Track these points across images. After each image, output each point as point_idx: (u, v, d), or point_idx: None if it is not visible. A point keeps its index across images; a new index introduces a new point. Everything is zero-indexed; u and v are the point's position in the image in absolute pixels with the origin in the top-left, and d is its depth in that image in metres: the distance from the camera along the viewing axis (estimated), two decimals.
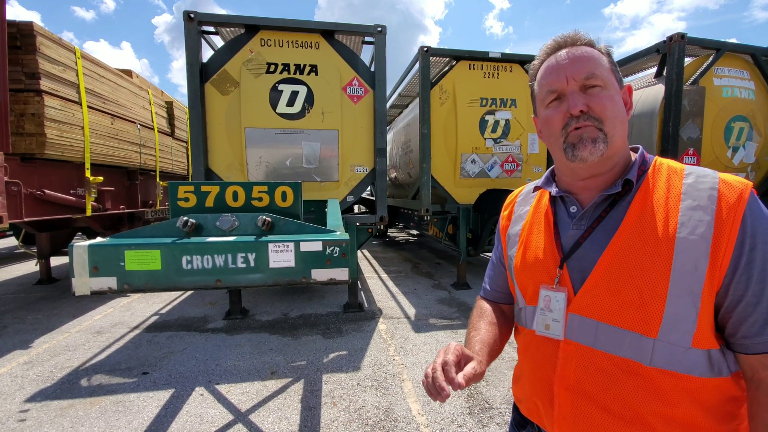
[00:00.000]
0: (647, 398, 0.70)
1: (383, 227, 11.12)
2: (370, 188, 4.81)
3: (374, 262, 7.79)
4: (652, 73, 4.93)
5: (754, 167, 4.90)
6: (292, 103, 4.17)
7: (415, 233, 12.04)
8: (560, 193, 0.85)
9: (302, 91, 4.18)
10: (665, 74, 4.46)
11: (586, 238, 0.78)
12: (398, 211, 8.53)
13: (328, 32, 4.24)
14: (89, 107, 4.50)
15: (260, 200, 2.17)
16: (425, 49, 4.94)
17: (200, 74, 4.01)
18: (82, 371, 3.16)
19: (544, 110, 0.81)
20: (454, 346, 0.78)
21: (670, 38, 4.38)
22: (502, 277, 1.02)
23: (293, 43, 4.18)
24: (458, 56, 5.15)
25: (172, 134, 6.90)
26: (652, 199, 0.73)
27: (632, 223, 0.73)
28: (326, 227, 2.05)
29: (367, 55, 4.87)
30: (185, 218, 1.83)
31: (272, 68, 4.12)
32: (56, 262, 6.97)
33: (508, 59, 5.21)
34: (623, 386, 0.72)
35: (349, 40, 4.48)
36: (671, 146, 4.35)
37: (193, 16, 3.93)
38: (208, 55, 4.25)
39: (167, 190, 2.87)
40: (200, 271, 1.68)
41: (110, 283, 1.62)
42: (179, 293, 5.36)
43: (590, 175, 0.79)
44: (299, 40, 4.19)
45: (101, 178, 4.72)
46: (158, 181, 6.27)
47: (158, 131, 6.23)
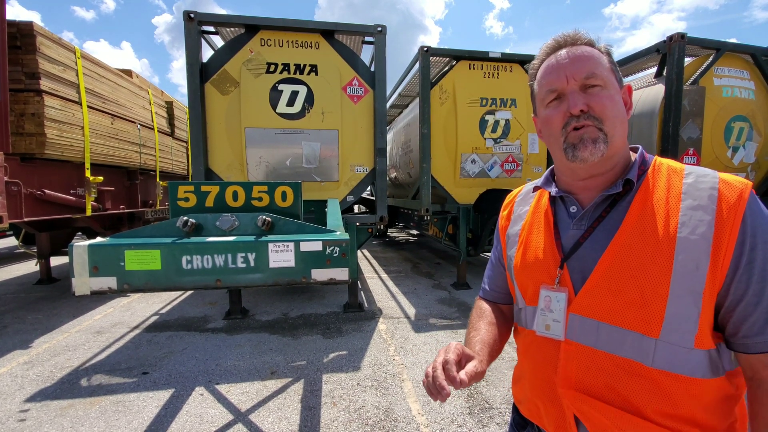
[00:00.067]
0: (649, 398, 0.70)
1: (383, 227, 11.12)
2: (370, 188, 4.81)
3: (374, 262, 7.79)
4: (652, 73, 4.93)
5: (754, 167, 4.90)
6: (292, 103, 4.17)
7: (415, 233, 12.04)
8: (560, 193, 0.85)
9: (302, 91, 4.18)
10: (665, 74, 4.46)
11: (586, 238, 0.78)
12: (398, 211, 8.52)
13: (328, 32, 4.24)
14: (89, 107, 4.50)
15: (260, 200, 2.17)
16: (425, 49, 4.94)
17: (200, 74, 4.01)
18: (82, 371, 3.16)
19: (544, 110, 0.81)
20: (454, 345, 0.78)
21: (670, 38, 4.38)
22: (501, 277, 1.02)
23: (293, 43, 4.18)
24: (458, 56, 5.15)
25: (172, 134, 6.90)
26: (652, 198, 0.73)
27: (633, 222, 0.73)
28: (326, 227, 2.05)
29: (367, 55, 4.88)
30: (185, 218, 1.83)
31: (272, 68, 4.12)
32: (56, 262, 6.97)
33: (508, 59, 5.21)
34: (625, 386, 0.72)
35: (349, 40, 4.48)
36: (671, 146, 4.35)
37: (193, 16, 3.93)
38: (208, 55, 4.26)
39: (167, 190, 2.87)
40: (200, 271, 1.68)
41: (110, 282, 1.62)
42: (179, 293, 5.36)
43: (590, 175, 0.79)
44: (299, 40, 4.19)
45: (101, 178, 4.72)
46: (158, 181, 6.27)
47: (158, 131, 6.23)
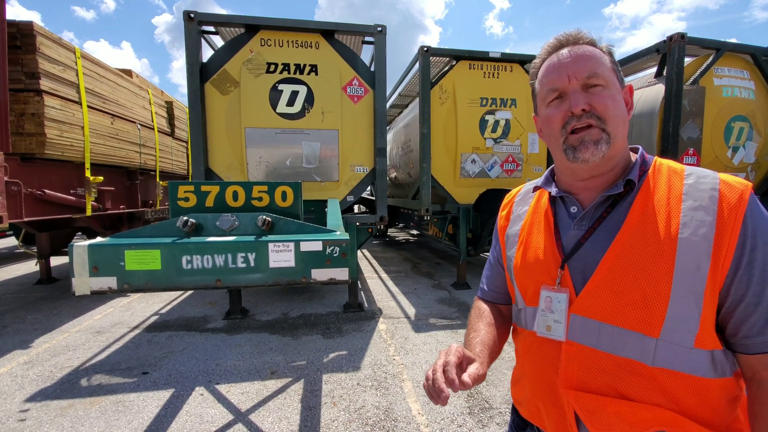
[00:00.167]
0: (651, 396, 0.70)
1: (383, 227, 11.12)
2: (370, 188, 4.81)
3: (374, 261, 7.79)
4: (652, 73, 4.93)
5: (754, 167, 4.90)
6: (292, 102, 4.17)
7: (415, 233, 12.04)
8: (560, 193, 0.85)
9: (302, 90, 4.18)
10: (665, 74, 4.46)
11: (587, 238, 0.78)
12: (398, 211, 8.52)
13: (328, 32, 4.24)
14: (89, 107, 4.50)
15: (260, 200, 2.17)
16: (425, 48, 4.94)
17: (200, 74, 4.01)
18: (82, 371, 3.16)
19: (545, 109, 0.81)
20: (455, 348, 0.77)
21: (670, 38, 4.37)
22: (500, 277, 1.02)
23: (293, 42, 4.18)
24: (458, 56, 5.15)
25: (172, 134, 6.89)
26: (653, 199, 0.73)
27: (634, 223, 0.73)
28: (326, 227, 2.05)
29: (367, 55, 4.87)
30: (185, 218, 1.83)
31: (272, 68, 4.12)
32: (56, 261, 6.96)
33: (508, 59, 5.21)
34: (627, 385, 0.72)
35: (349, 39, 4.48)
36: (671, 146, 4.35)
37: (193, 15, 3.93)
38: (208, 55, 4.26)
39: (167, 189, 2.87)
40: (200, 270, 1.68)
41: (110, 282, 1.61)
42: (179, 293, 5.36)
43: (591, 175, 0.79)
44: (299, 39, 4.19)
45: (101, 177, 4.72)
46: (158, 180, 6.26)
47: (158, 131, 6.23)
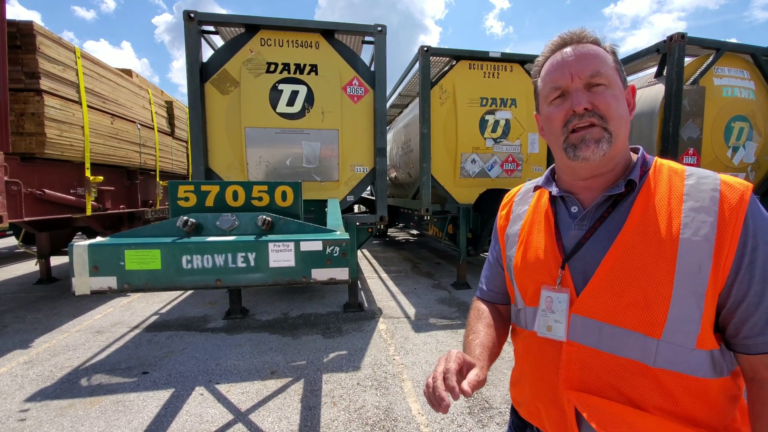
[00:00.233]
0: (652, 396, 0.70)
1: (383, 227, 11.12)
2: (370, 188, 4.81)
3: (374, 261, 7.79)
4: (652, 72, 4.92)
5: (754, 167, 4.90)
6: (292, 102, 4.17)
7: (415, 233, 12.04)
8: (561, 192, 0.84)
9: (302, 90, 4.18)
10: (665, 74, 4.46)
11: (588, 238, 0.78)
12: (398, 210, 8.52)
13: (328, 32, 4.24)
14: (89, 107, 4.50)
15: (260, 200, 2.16)
16: (425, 48, 4.93)
17: (200, 74, 4.01)
18: (82, 371, 3.16)
19: (546, 107, 0.80)
20: (455, 353, 0.76)
21: (670, 38, 4.37)
22: (499, 277, 1.01)
23: (293, 42, 4.18)
24: (458, 56, 5.14)
25: (172, 134, 6.89)
26: (654, 199, 0.73)
27: (635, 223, 0.73)
28: (326, 227, 2.05)
29: (367, 54, 4.87)
30: (185, 218, 1.82)
31: (272, 68, 4.12)
32: (56, 261, 6.96)
33: (508, 59, 5.21)
34: (628, 386, 0.72)
35: (349, 39, 4.48)
36: (671, 146, 4.35)
37: (193, 15, 3.93)
38: (208, 54, 4.25)
39: (167, 189, 2.87)
40: (200, 270, 1.68)
41: (110, 282, 1.61)
42: (179, 293, 5.36)
43: (592, 174, 0.79)
44: (299, 39, 4.19)
45: (101, 177, 4.72)
46: (158, 180, 6.26)
47: (158, 131, 6.23)
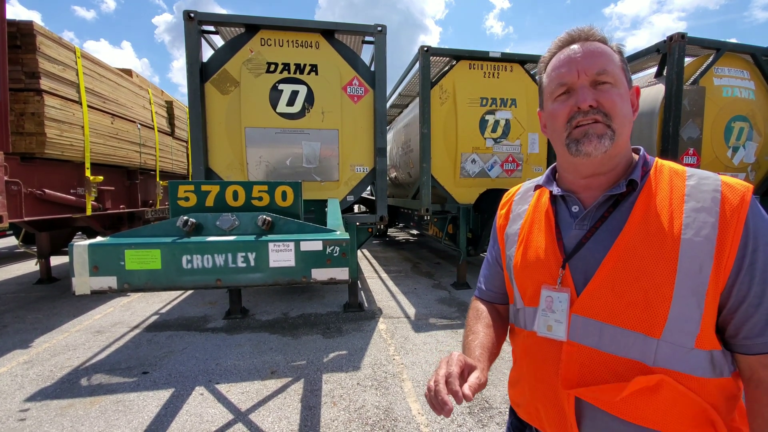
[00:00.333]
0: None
1: (383, 227, 11.12)
2: (370, 188, 4.81)
3: (374, 261, 7.79)
4: (652, 73, 4.92)
5: (754, 167, 4.90)
6: (292, 102, 4.17)
7: (415, 233, 12.04)
8: (562, 192, 0.84)
9: (302, 90, 4.18)
10: (665, 74, 4.46)
11: (589, 238, 0.77)
12: (398, 210, 8.52)
13: (328, 32, 4.24)
14: (89, 107, 4.50)
15: (260, 200, 2.16)
16: (425, 48, 4.93)
17: (200, 74, 4.01)
18: (82, 371, 3.16)
19: (551, 103, 0.80)
20: (456, 356, 0.75)
21: (670, 38, 4.37)
22: (498, 276, 1.01)
23: (293, 42, 4.18)
24: (458, 56, 5.14)
25: (172, 134, 6.89)
26: (655, 200, 0.73)
27: (636, 223, 0.72)
28: (326, 227, 2.05)
29: (367, 54, 4.87)
30: (185, 218, 1.83)
31: (272, 68, 4.12)
32: (56, 261, 6.96)
33: (508, 59, 5.20)
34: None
35: (349, 39, 4.48)
36: (671, 146, 4.35)
37: (193, 15, 3.93)
38: (208, 54, 4.25)
39: (167, 189, 2.87)
40: (200, 270, 1.68)
41: (110, 282, 1.61)
42: (179, 293, 5.36)
43: (593, 173, 0.79)
44: (299, 39, 4.19)
45: (101, 177, 4.72)
46: (158, 180, 6.26)
47: (158, 131, 6.22)
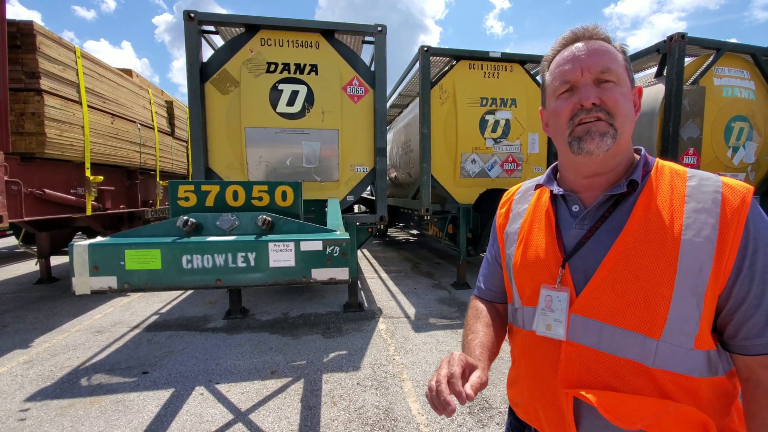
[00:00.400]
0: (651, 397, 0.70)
1: (383, 227, 11.12)
2: (370, 188, 4.81)
3: (374, 261, 7.79)
4: (652, 73, 4.92)
5: (754, 167, 4.90)
6: (292, 102, 4.17)
7: (415, 233, 12.04)
8: (562, 191, 0.84)
9: (302, 90, 4.18)
10: (665, 74, 4.46)
11: (589, 237, 0.77)
12: (398, 210, 8.52)
13: (328, 32, 4.24)
14: (89, 106, 4.50)
15: (260, 200, 2.16)
16: (425, 48, 4.93)
17: (200, 74, 4.01)
18: (82, 370, 3.16)
19: (554, 101, 0.79)
20: (458, 356, 0.74)
21: (670, 38, 4.37)
22: (497, 275, 1.01)
23: (293, 42, 4.18)
24: (458, 56, 5.14)
25: (172, 134, 6.89)
26: (656, 200, 0.73)
27: (637, 223, 0.72)
28: (326, 227, 2.05)
29: (367, 54, 4.87)
30: (185, 218, 1.83)
31: (272, 68, 4.12)
32: (56, 261, 6.96)
33: (508, 59, 5.21)
34: (626, 385, 0.71)
35: (349, 39, 4.48)
36: (671, 146, 4.35)
37: (193, 15, 3.93)
38: (208, 54, 4.25)
39: (167, 189, 2.87)
40: (200, 270, 1.68)
41: (110, 282, 1.61)
42: (179, 293, 5.36)
43: (594, 172, 0.79)
44: (299, 39, 4.19)
45: (101, 177, 4.72)
46: (158, 180, 6.26)
47: (158, 131, 6.23)
